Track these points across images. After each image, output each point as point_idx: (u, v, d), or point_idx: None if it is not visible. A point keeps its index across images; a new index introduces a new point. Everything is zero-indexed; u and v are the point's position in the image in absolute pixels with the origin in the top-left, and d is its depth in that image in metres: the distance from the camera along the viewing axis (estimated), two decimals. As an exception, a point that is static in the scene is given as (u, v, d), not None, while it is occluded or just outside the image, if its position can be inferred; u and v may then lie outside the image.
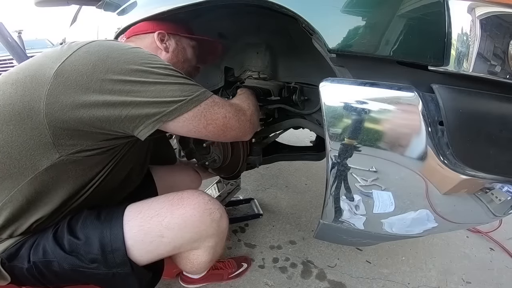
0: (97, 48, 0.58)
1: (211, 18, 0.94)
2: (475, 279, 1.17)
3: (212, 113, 0.64)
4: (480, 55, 0.45)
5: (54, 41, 4.90)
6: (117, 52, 0.58)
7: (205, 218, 0.69)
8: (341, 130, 0.53)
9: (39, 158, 0.57)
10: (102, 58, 0.56)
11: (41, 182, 0.59)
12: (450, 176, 0.50)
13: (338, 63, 0.56)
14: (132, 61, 0.58)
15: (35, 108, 0.55)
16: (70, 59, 0.56)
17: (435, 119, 0.48)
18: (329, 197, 0.61)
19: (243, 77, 1.14)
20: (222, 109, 0.66)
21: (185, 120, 0.61)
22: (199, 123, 0.63)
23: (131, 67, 0.57)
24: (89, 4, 1.14)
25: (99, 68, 0.55)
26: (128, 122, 0.58)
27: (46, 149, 0.57)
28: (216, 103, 0.65)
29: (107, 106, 0.56)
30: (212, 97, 0.65)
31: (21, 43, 2.68)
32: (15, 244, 0.62)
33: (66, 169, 0.60)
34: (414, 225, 0.61)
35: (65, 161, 0.59)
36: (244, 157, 0.99)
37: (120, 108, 0.56)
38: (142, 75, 0.57)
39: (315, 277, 1.15)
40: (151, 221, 0.65)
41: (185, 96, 0.60)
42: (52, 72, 0.55)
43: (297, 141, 2.35)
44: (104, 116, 0.56)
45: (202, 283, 1.06)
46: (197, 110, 0.62)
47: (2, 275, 0.59)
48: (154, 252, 0.67)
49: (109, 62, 0.56)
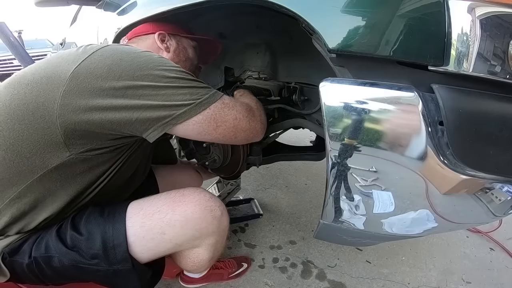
0: (111, 52, 0.60)
1: (211, 18, 0.94)
2: (475, 279, 1.17)
3: (222, 115, 0.65)
4: (480, 55, 0.45)
5: (54, 41, 4.90)
6: (130, 56, 0.60)
7: (206, 215, 0.69)
8: (341, 130, 0.53)
9: (49, 157, 0.58)
10: (116, 61, 0.58)
11: (50, 180, 0.60)
12: (450, 176, 0.50)
13: (338, 63, 0.56)
14: (144, 65, 0.59)
15: (49, 109, 0.56)
16: (85, 62, 0.58)
17: (435, 119, 0.48)
18: (329, 197, 0.61)
19: (243, 77, 1.14)
20: (232, 111, 0.66)
21: (195, 123, 0.62)
22: (209, 125, 0.64)
23: (143, 71, 0.58)
24: (89, 4, 1.14)
25: (113, 72, 0.57)
26: (138, 125, 0.59)
27: (56, 148, 0.58)
28: (226, 105, 0.66)
29: (119, 110, 0.57)
30: (222, 99, 0.65)
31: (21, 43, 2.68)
32: (19, 239, 0.63)
33: (75, 167, 0.61)
34: (414, 225, 0.61)
35: (75, 159, 0.60)
36: (244, 157, 0.99)
37: (132, 111, 0.58)
38: (153, 79, 0.58)
39: (315, 277, 1.15)
40: (152, 218, 0.66)
41: (194, 100, 0.60)
42: (68, 74, 0.56)
43: (297, 141, 2.34)
44: (115, 118, 0.58)
45: (202, 283, 1.06)
46: (207, 113, 0.62)
47: (2, 271, 0.60)
48: (155, 249, 0.67)
49: (123, 65, 0.58)
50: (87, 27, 1.56)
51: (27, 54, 2.24)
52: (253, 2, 0.63)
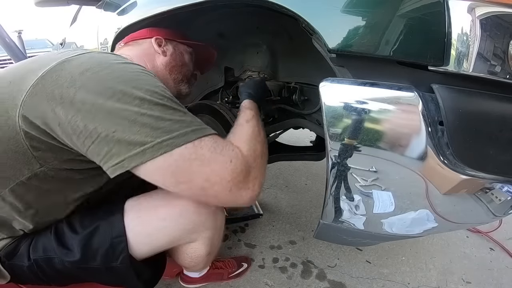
0: (82, 60, 0.53)
1: (211, 18, 0.94)
2: (475, 279, 1.17)
3: (188, 169, 0.49)
4: (480, 55, 0.45)
5: (54, 41, 4.90)
6: (98, 67, 0.52)
7: (201, 209, 0.68)
8: (341, 130, 0.53)
9: (20, 167, 0.54)
10: (81, 71, 0.51)
11: (25, 191, 0.57)
12: (450, 176, 0.50)
13: (338, 63, 0.56)
14: (111, 79, 0.51)
15: (11, 116, 0.51)
16: (54, 68, 0.52)
17: (435, 119, 0.48)
18: (329, 197, 0.61)
19: (243, 77, 1.14)
20: (207, 167, 0.49)
21: (149, 170, 0.49)
22: (164, 178, 0.50)
23: (106, 85, 0.49)
24: (89, 4, 1.14)
25: (75, 83, 0.50)
26: (90, 153, 0.50)
27: (26, 159, 0.54)
28: (199, 156, 0.49)
29: (73, 128, 0.49)
30: (200, 142, 0.49)
31: (21, 43, 2.68)
32: (11, 242, 0.62)
33: (49, 180, 0.57)
34: (414, 225, 0.61)
35: (48, 172, 0.56)
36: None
37: (84, 135, 0.49)
38: (116, 101, 0.48)
39: (315, 277, 1.15)
40: (149, 213, 0.65)
41: (153, 138, 0.47)
42: (33, 81, 0.52)
43: (297, 141, 2.34)
44: (69, 135, 0.50)
45: (202, 283, 1.06)
46: (164, 161, 0.48)
47: (2, 274, 0.59)
48: (152, 244, 0.67)
49: (85, 77, 0.50)
50: (87, 27, 1.56)
51: (24, 54, 2.24)
52: (253, 2, 0.63)
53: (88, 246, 0.61)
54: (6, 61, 5.61)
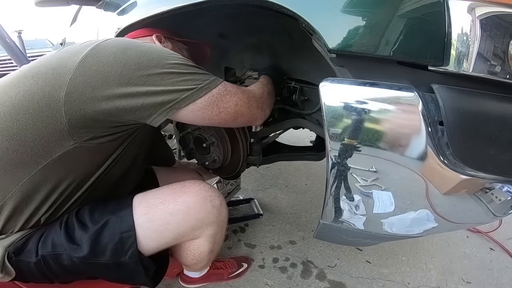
0: (116, 42, 0.62)
1: (211, 18, 0.94)
2: (475, 279, 1.17)
3: (224, 101, 0.66)
4: (480, 55, 0.45)
5: (54, 41, 4.90)
6: (134, 45, 0.62)
7: (206, 205, 0.72)
8: (341, 130, 0.53)
9: (53, 146, 0.59)
10: (121, 50, 0.60)
11: (52, 170, 0.61)
12: (450, 176, 0.50)
13: (338, 63, 0.56)
14: (147, 53, 0.61)
15: (55, 97, 0.57)
16: (92, 52, 0.59)
17: (435, 119, 0.48)
18: (329, 197, 0.61)
19: (243, 77, 1.14)
20: (233, 97, 0.68)
21: (197, 107, 0.63)
22: (211, 110, 0.65)
23: (146, 59, 0.60)
24: (89, 4, 1.14)
25: (119, 60, 0.58)
26: (143, 111, 0.61)
27: (60, 137, 0.59)
28: (228, 92, 0.67)
29: (125, 97, 0.59)
30: (224, 85, 0.67)
31: (21, 43, 2.68)
32: (21, 237, 0.63)
33: (77, 156, 0.62)
34: (414, 225, 0.61)
35: (78, 148, 0.61)
36: (244, 157, 0.99)
37: (137, 97, 0.59)
38: (157, 65, 0.60)
39: (315, 277, 1.15)
40: (156, 209, 0.68)
41: (196, 85, 0.62)
42: (74, 64, 0.58)
43: (297, 141, 2.34)
44: (121, 106, 0.59)
45: (202, 283, 1.06)
46: (208, 98, 0.64)
47: (7, 270, 0.60)
48: (159, 240, 0.69)
49: (128, 54, 0.60)
50: (87, 27, 1.56)
51: (24, 54, 2.23)
52: (253, 2, 0.63)
53: (98, 240, 0.62)
54: (6, 61, 5.61)
